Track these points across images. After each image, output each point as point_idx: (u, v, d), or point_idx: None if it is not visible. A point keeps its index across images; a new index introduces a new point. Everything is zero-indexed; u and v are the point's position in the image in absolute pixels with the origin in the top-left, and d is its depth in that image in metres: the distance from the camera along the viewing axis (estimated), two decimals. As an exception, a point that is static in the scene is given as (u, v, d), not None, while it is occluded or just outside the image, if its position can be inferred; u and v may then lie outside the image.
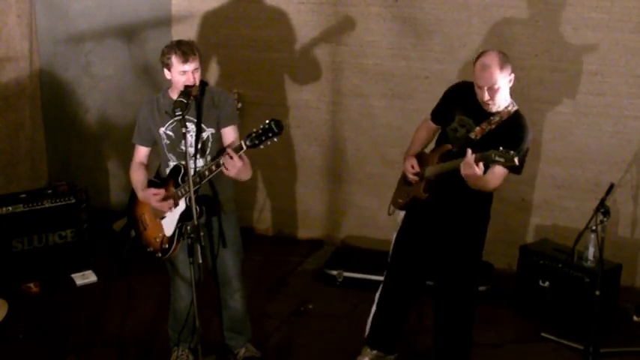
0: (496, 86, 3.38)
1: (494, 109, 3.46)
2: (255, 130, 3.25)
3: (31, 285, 4.77)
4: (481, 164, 3.24)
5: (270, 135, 3.21)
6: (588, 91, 4.65)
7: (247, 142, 3.26)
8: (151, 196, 3.61)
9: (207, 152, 3.61)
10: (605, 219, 3.89)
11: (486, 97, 3.41)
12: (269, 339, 4.23)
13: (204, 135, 3.59)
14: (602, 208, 3.88)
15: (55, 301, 4.68)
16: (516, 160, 3.15)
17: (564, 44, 4.61)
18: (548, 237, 4.74)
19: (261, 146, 3.25)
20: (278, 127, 3.21)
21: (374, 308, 3.93)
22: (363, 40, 5.06)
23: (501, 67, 3.39)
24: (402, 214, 3.84)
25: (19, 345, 4.18)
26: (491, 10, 4.72)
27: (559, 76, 4.68)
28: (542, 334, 4.28)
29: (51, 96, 5.96)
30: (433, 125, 3.78)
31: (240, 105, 5.06)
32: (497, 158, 3.18)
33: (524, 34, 4.68)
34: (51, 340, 4.22)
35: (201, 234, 3.34)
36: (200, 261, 3.33)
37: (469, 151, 3.28)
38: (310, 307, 4.61)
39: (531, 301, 4.49)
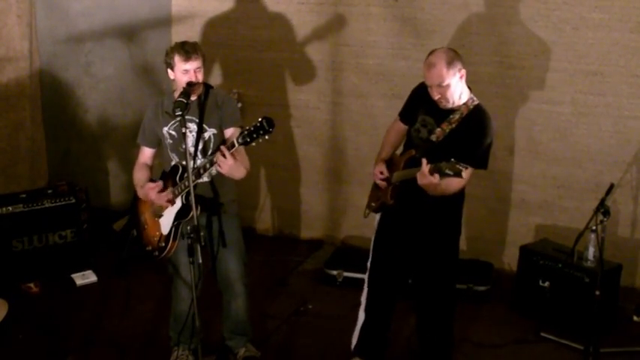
0: (444, 84, 3.34)
1: (448, 106, 3.42)
2: (247, 127, 3.29)
3: (31, 285, 4.77)
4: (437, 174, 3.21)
5: (262, 133, 3.25)
6: (588, 91, 4.64)
7: (239, 140, 3.31)
8: (149, 190, 3.64)
9: (209, 153, 3.63)
10: (605, 219, 3.89)
11: (436, 95, 3.38)
12: (269, 339, 4.23)
13: (206, 135, 3.62)
14: (602, 208, 3.88)
15: (55, 301, 4.68)
16: (464, 173, 3.12)
17: (564, 44, 4.61)
18: (548, 237, 4.74)
19: (253, 143, 3.29)
20: (269, 125, 3.24)
21: (362, 316, 3.86)
22: (363, 40, 5.06)
23: (448, 64, 3.34)
24: (377, 216, 3.80)
25: (19, 345, 4.18)
26: (492, 10, 4.71)
27: (559, 76, 4.68)
28: (542, 334, 4.28)
29: (51, 96, 5.96)
30: (402, 125, 3.73)
31: (240, 105, 5.06)
32: (447, 171, 3.16)
33: (524, 34, 4.68)
34: (51, 340, 4.22)
35: (202, 234, 3.35)
36: (200, 261, 3.34)
37: (424, 161, 3.25)
38: (310, 307, 4.61)
39: (531, 301, 4.49)
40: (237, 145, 3.33)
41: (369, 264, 3.83)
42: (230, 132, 3.63)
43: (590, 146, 4.72)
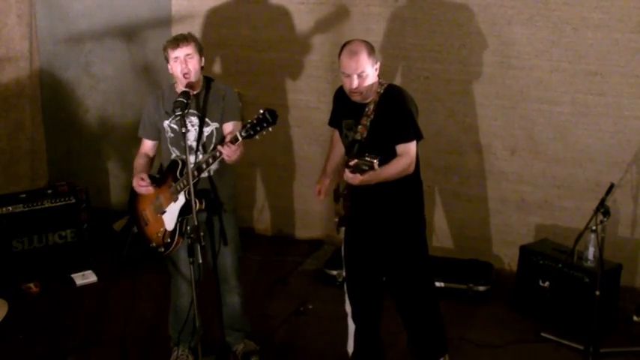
0: (364, 73, 3.31)
1: (360, 99, 3.38)
2: (249, 120, 3.26)
3: (31, 285, 4.77)
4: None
5: (265, 125, 3.23)
6: (588, 91, 4.64)
7: (243, 133, 3.29)
8: (138, 183, 3.63)
9: (211, 148, 3.61)
10: (605, 219, 3.89)
11: (355, 84, 3.32)
12: (269, 339, 4.22)
13: (208, 129, 3.61)
14: (602, 208, 3.88)
15: (55, 301, 4.68)
16: (376, 164, 3.06)
17: (564, 44, 4.61)
18: (548, 237, 4.74)
19: (257, 136, 3.27)
20: (272, 117, 3.22)
21: (351, 324, 3.81)
22: (363, 40, 5.05)
23: (369, 54, 3.33)
24: (343, 229, 3.72)
25: (19, 345, 4.18)
26: (492, 10, 4.71)
27: (559, 76, 4.68)
28: (542, 334, 4.28)
29: (51, 96, 5.96)
30: (337, 133, 3.68)
31: (240, 105, 5.06)
32: (363, 167, 3.11)
33: (524, 34, 4.68)
34: (51, 340, 4.22)
35: (202, 234, 3.35)
36: (200, 261, 3.34)
37: (345, 170, 3.21)
38: (310, 307, 4.61)
39: (531, 301, 4.49)
40: (240, 138, 3.31)
41: (343, 274, 3.80)
42: (229, 125, 3.62)
43: (590, 146, 4.72)
